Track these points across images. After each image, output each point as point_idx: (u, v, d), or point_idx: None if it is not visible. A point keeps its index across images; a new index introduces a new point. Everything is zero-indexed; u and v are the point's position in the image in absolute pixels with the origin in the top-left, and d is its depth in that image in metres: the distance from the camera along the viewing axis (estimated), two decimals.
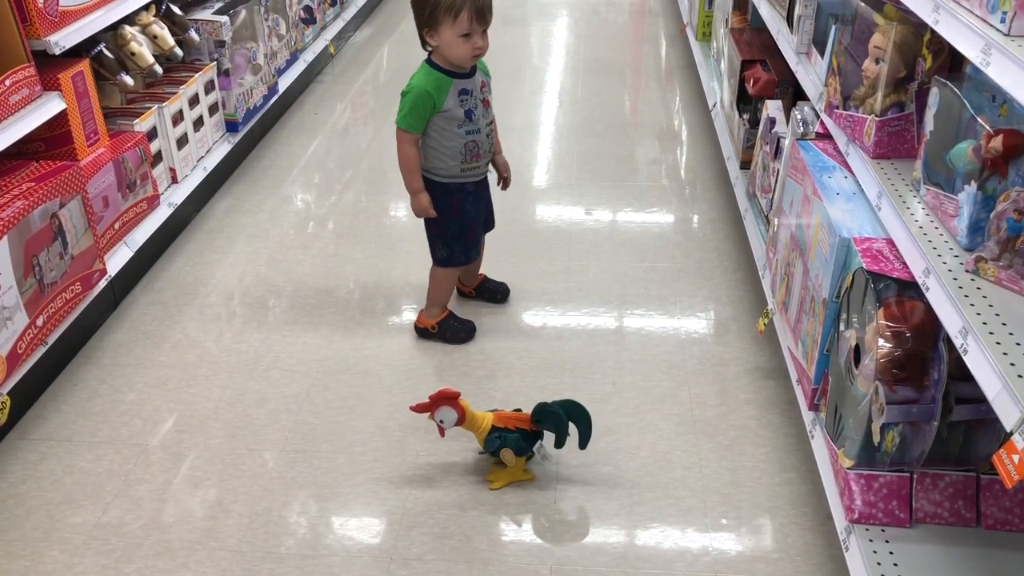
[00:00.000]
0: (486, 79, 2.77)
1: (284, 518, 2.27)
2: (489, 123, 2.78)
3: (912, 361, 1.76)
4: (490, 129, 2.79)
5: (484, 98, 2.74)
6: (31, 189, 2.50)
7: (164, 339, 2.97)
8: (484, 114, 2.74)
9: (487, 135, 2.77)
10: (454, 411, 2.30)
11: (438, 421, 2.33)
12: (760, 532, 2.23)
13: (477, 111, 2.72)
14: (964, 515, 1.89)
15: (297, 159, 4.31)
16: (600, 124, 4.67)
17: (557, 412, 2.32)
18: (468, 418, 2.32)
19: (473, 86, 2.70)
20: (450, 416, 2.31)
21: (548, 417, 2.32)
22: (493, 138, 2.82)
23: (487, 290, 3.16)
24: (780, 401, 2.65)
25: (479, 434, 2.34)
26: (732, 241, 3.52)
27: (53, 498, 2.33)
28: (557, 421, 2.32)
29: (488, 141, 2.79)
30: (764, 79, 3.32)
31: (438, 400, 2.31)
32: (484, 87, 2.75)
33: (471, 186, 2.83)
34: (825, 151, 2.46)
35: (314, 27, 5.05)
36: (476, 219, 2.91)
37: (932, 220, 1.90)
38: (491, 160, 2.88)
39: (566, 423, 2.33)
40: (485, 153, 2.79)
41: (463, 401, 2.31)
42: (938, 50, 2.04)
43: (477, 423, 2.33)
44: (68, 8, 2.76)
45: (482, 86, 2.73)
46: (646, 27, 6.53)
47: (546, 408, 2.32)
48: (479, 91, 2.72)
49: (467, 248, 2.92)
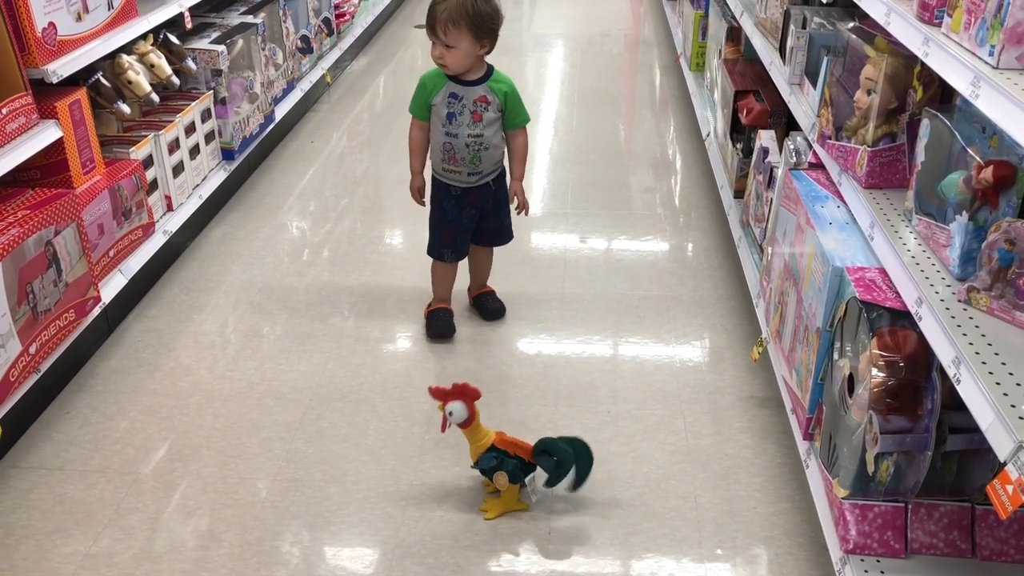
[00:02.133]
0: (494, 98, 2.84)
1: (276, 548, 2.25)
2: (475, 136, 2.85)
3: (905, 391, 1.76)
4: (474, 142, 2.86)
5: (475, 111, 2.83)
6: (26, 216, 2.50)
7: (157, 367, 2.96)
8: (469, 124, 2.84)
9: (467, 145, 2.86)
10: (467, 410, 2.27)
11: (447, 412, 2.28)
12: (755, 562, 2.22)
13: (460, 117, 2.84)
14: (959, 546, 1.88)
15: (293, 187, 4.32)
16: (595, 153, 4.70)
17: (565, 451, 2.28)
18: (474, 425, 2.30)
19: (466, 94, 2.82)
20: (460, 413, 2.27)
21: (551, 453, 2.29)
22: (481, 154, 2.88)
23: (479, 304, 3.24)
24: (775, 430, 2.65)
25: (476, 447, 2.32)
26: (726, 270, 3.53)
27: (43, 528, 2.31)
28: (562, 459, 2.29)
29: (468, 152, 2.87)
30: (757, 109, 3.35)
31: (458, 392, 2.26)
32: (482, 102, 2.83)
33: (456, 190, 2.96)
34: (818, 181, 2.48)
35: (311, 56, 5.09)
36: (454, 223, 3.01)
37: (924, 250, 1.91)
38: (497, 181, 2.98)
39: (569, 466, 2.30)
40: (463, 162, 2.89)
41: (477, 407, 2.30)
42: (928, 82, 2.07)
43: (479, 434, 2.31)
44: (66, 38, 2.78)
45: (480, 100, 2.82)
46: (640, 57, 6.60)
47: (553, 444, 2.29)
48: (472, 103, 2.82)
49: (440, 245, 3.05)
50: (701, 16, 4.95)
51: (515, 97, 2.89)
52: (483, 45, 2.77)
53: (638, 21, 7.54)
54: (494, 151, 2.92)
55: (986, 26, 1.60)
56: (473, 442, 2.32)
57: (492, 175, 2.97)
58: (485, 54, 2.82)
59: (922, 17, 1.87)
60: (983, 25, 1.61)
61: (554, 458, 2.30)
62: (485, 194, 2.99)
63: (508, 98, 2.87)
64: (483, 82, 2.84)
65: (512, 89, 2.89)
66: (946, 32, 1.76)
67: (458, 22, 2.69)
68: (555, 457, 2.30)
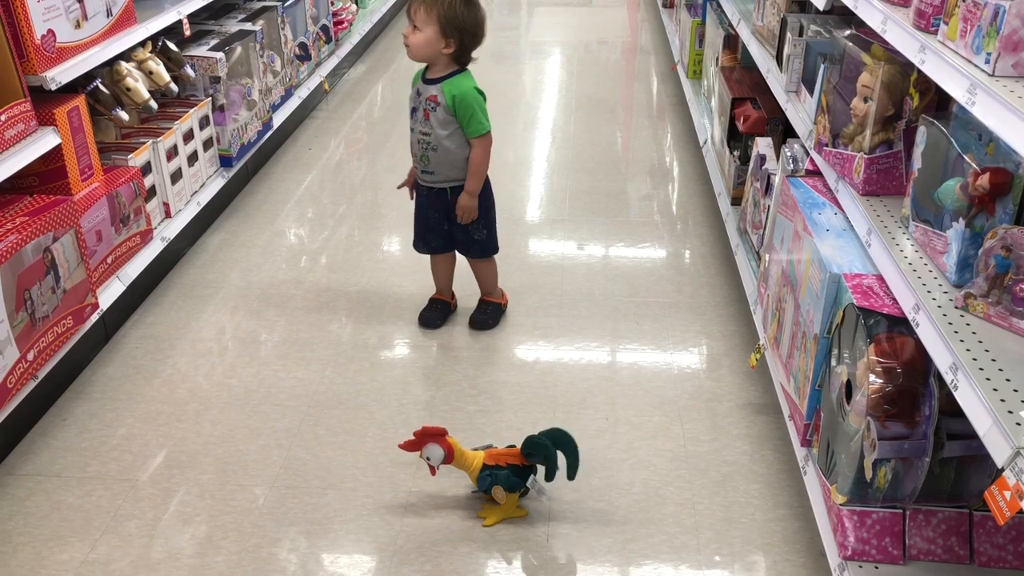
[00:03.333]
0: (443, 99, 2.84)
1: (274, 555, 2.25)
2: (424, 135, 2.91)
3: (903, 397, 1.77)
4: (422, 140, 2.92)
5: (426, 109, 2.88)
6: (25, 223, 2.51)
7: (155, 374, 2.96)
8: (421, 122, 2.91)
9: (418, 142, 2.94)
10: (440, 448, 2.29)
11: (425, 459, 2.32)
12: (753, 569, 2.22)
13: (416, 114, 2.92)
14: (957, 552, 1.88)
15: (291, 194, 4.33)
16: (592, 160, 4.71)
17: (544, 443, 2.31)
18: (457, 456, 2.31)
19: (424, 92, 2.89)
20: (436, 453, 2.30)
21: (537, 449, 2.32)
22: (429, 154, 2.92)
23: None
24: (773, 437, 2.65)
25: (471, 472, 2.34)
26: (723, 276, 3.53)
27: (40, 535, 2.31)
28: (546, 452, 2.32)
29: (419, 148, 2.94)
30: (754, 117, 3.36)
31: (423, 437, 2.30)
32: (432, 101, 2.86)
33: (423, 189, 3.04)
34: (815, 188, 2.49)
35: (309, 63, 5.09)
36: (423, 218, 3.10)
37: (921, 256, 1.92)
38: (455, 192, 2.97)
39: (554, 454, 2.32)
40: (416, 158, 2.98)
41: (451, 439, 2.30)
42: (925, 89, 2.08)
43: (467, 461, 2.33)
44: (65, 45, 2.79)
45: (431, 98, 2.86)
46: (637, 65, 6.61)
47: (533, 440, 2.32)
48: (424, 100, 2.88)
49: (415, 234, 3.17)
50: (698, 24, 4.97)
51: (466, 104, 2.82)
52: (448, 44, 2.78)
53: (635, 29, 7.56)
54: (444, 155, 2.89)
55: (982, 34, 1.61)
56: (467, 470, 2.34)
57: (448, 183, 2.96)
58: (449, 54, 2.82)
59: (918, 25, 1.88)
60: (979, 33, 1.62)
61: (541, 454, 2.32)
62: (443, 201, 3.00)
63: (457, 103, 2.82)
64: (440, 82, 2.85)
65: (464, 95, 2.82)
66: (942, 40, 1.77)
67: (431, 8, 2.73)
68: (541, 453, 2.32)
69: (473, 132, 2.87)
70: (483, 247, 3.11)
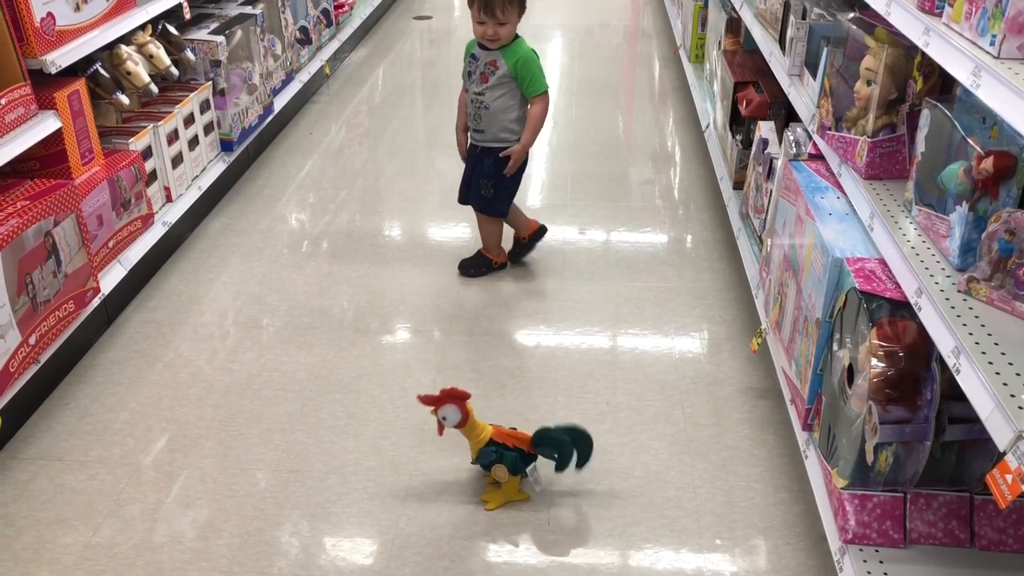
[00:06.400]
0: (503, 63, 3.14)
1: (276, 538, 2.26)
2: (478, 95, 3.19)
3: (905, 381, 1.77)
4: (476, 100, 3.20)
5: (483, 72, 3.16)
6: (26, 207, 2.50)
7: (157, 358, 2.96)
8: (476, 83, 3.19)
9: (471, 102, 3.22)
10: (459, 412, 2.28)
11: (441, 417, 2.30)
12: (754, 553, 2.22)
13: (474, 76, 3.20)
14: (958, 535, 1.89)
15: (292, 179, 4.32)
16: (594, 145, 4.69)
17: (562, 439, 2.30)
18: (470, 424, 2.31)
19: (482, 57, 3.17)
20: (453, 415, 2.29)
21: (550, 444, 2.31)
22: (482, 113, 3.20)
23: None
24: (774, 421, 2.65)
25: (475, 443, 2.33)
26: (725, 261, 3.53)
27: (44, 518, 2.32)
28: (560, 449, 2.31)
29: (472, 108, 3.23)
30: (757, 101, 3.35)
31: (447, 397, 2.28)
32: (491, 65, 3.15)
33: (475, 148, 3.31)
34: (818, 172, 2.48)
35: (310, 48, 5.07)
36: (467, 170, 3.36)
37: (924, 240, 1.91)
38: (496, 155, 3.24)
39: (571, 451, 2.32)
40: (470, 117, 3.25)
41: (470, 405, 2.30)
42: (929, 72, 2.06)
43: (477, 431, 2.32)
44: (65, 28, 2.78)
45: (491, 63, 3.15)
46: (639, 48, 6.58)
47: (550, 435, 2.31)
48: (484, 64, 3.16)
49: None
50: (700, 7, 4.94)
51: (527, 67, 3.14)
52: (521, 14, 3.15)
53: (637, 12, 7.52)
54: (495, 114, 3.19)
55: (987, 16, 1.59)
56: (472, 439, 2.33)
57: (497, 143, 3.24)
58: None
59: (923, 7, 1.86)
60: (984, 15, 1.61)
61: (554, 449, 2.31)
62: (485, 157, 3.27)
63: (519, 66, 3.13)
64: (500, 49, 3.14)
65: (526, 59, 3.14)
66: (947, 22, 1.76)
67: (510, 2, 3.06)
68: (555, 448, 2.31)
69: (534, 91, 3.18)
70: (485, 203, 3.33)
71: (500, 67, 3.14)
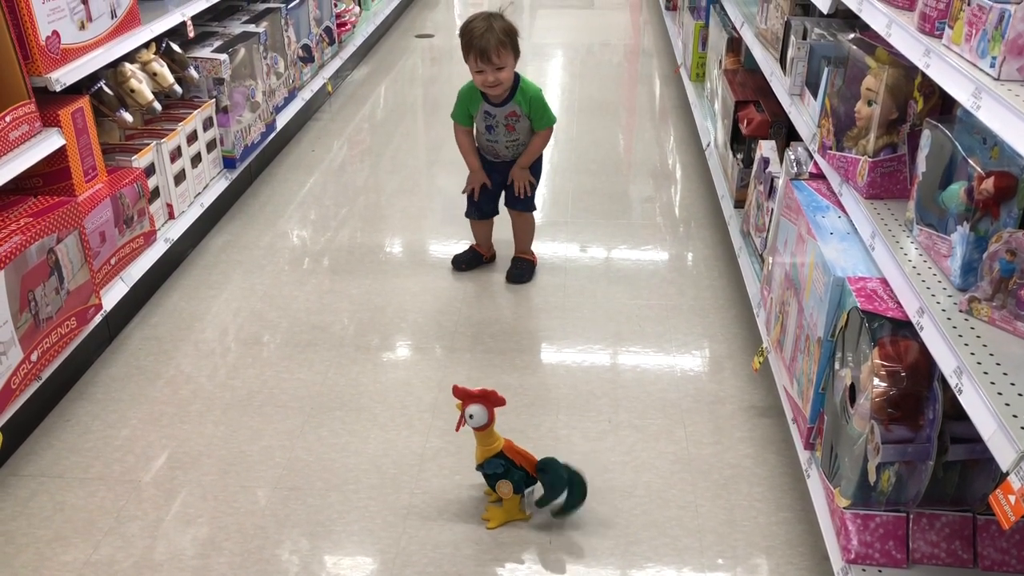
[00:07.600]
0: (522, 111, 3.27)
1: (277, 556, 2.25)
2: (512, 140, 3.34)
3: (907, 400, 1.77)
4: (513, 144, 3.35)
5: (508, 124, 3.29)
6: (29, 224, 2.51)
7: (158, 375, 2.96)
8: (506, 134, 3.32)
9: (506, 147, 3.37)
10: (487, 415, 2.26)
11: (468, 415, 2.27)
12: (756, 572, 2.22)
13: (497, 130, 3.32)
14: (961, 556, 1.88)
15: (293, 196, 4.33)
16: (595, 162, 4.71)
17: (560, 476, 2.29)
18: (489, 430, 2.29)
19: (498, 113, 3.28)
20: (480, 416, 2.26)
21: (549, 473, 2.30)
22: (520, 149, 3.38)
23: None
24: (776, 440, 2.65)
25: (485, 450, 2.31)
26: (726, 279, 3.53)
27: (43, 535, 2.31)
28: (556, 483, 2.30)
29: (510, 150, 3.37)
30: (758, 120, 3.36)
31: (482, 396, 2.26)
32: (512, 116, 3.28)
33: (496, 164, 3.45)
34: (819, 191, 2.49)
35: (312, 65, 5.10)
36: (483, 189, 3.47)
37: (925, 260, 1.92)
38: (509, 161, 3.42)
39: (560, 491, 2.30)
40: (506, 154, 3.40)
41: (496, 413, 2.29)
42: (929, 93, 2.08)
43: (491, 439, 2.30)
44: (70, 46, 2.79)
45: (511, 115, 3.27)
46: (640, 67, 6.62)
47: (554, 466, 2.30)
48: (503, 119, 3.29)
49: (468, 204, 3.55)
50: (701, 27, 4.97)
51: (539, 104, 3.28)
52: (516, 57, 3.19)
53: (638, 31, 7.57)
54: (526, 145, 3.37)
55: (987, 38, 1.61)
56: (482, 445, 2.31)
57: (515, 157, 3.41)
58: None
59: (923, 29, 1.88)
60: (984, 37, 1.62)
61: (550, 481, 2.30)
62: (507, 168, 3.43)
63: (532, 105, 3.26)
64: (511, 99, 3.24)
65: (536, 96, 3.27)
66: (947, 44, 1.77)
67: (505, 43, 3.10)
68: (552, 481, 2.30)
69: (543, 125, 3.33)
70: (529, 200, 3.48)
71: (520, 114, 3.27)
